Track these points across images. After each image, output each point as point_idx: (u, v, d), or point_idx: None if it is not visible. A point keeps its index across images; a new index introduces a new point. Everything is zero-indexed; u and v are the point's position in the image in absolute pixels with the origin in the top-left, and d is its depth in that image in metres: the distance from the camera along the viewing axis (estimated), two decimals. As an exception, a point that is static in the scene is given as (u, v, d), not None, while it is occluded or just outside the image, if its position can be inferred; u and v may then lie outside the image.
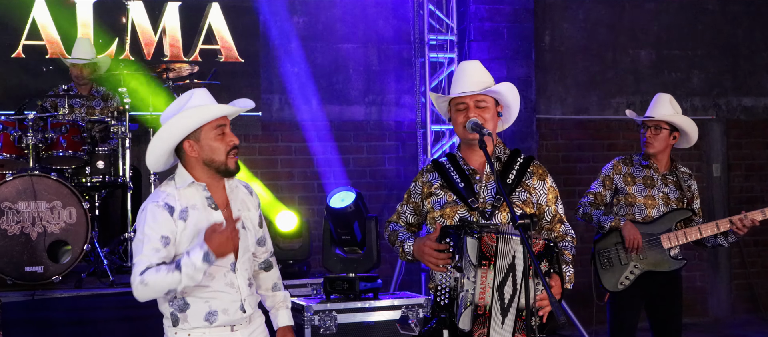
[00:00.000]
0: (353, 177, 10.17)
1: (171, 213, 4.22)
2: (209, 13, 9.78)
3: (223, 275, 4.31)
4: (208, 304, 4.29)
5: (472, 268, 4.21)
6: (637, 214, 6.31)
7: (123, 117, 7.95)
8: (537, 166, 4.68)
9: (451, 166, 4.59)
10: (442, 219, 4.50)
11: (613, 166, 6.46)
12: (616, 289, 6.27)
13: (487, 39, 10.20)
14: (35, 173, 7.35)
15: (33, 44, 9.39)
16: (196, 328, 4.29)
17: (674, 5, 11.25)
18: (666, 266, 6.27)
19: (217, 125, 4.31)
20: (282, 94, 10.03)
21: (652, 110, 6.43)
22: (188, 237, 4.23)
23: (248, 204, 4.53)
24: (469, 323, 4.20)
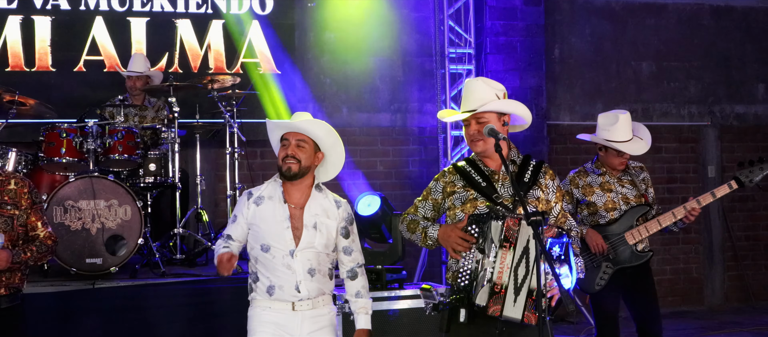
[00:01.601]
0: (380, 178, 10.21)
1: (248, 198, 4.80)
2: (250, 29, 9.83)
3: (282, 258, 4.67)
4: (269, 280, 4.69)
5: (494, 248, 4.28)
6: (600, 219, 6.26)
7: (172, 124, 7.98)
8: (547, 168, 4.75)
9: (472, 169, 4.64)
10: (463, 214, 4.54)
11: (570, 181, 6.39)
12: (594, 290, 6.25)
13: (501, 52, 10.20)
14: (95, 174, 7.40)
15: (93, 59, 9.48)
16: (262, 299, 4.72)
17: (672, 21, 11.24)
18: (635, 261, 6.22)
19: (283, 139, 4.79)
20: (315, 103, 10.04)
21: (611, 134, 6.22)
22: (257, 219, 4.73)
23: (329, 213, 4.83)
24: (486, 298, 4.25)
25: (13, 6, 9.34)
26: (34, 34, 9.37)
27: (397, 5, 10.38)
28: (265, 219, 4.72)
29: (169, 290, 7.03)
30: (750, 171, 6.32)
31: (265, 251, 4.68)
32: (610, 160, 6.30)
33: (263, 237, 4.70)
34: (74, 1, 9.45)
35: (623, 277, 6.23)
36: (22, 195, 5.00)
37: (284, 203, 4.73)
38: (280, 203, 4.73)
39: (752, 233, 11.48)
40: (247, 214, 4.76)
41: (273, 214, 4.71)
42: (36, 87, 8.88)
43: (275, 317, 4.67)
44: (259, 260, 4.72)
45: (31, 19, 9.37)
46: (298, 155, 4.72)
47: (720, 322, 10.19)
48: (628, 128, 6.23)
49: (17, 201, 4.97)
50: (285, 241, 4.67)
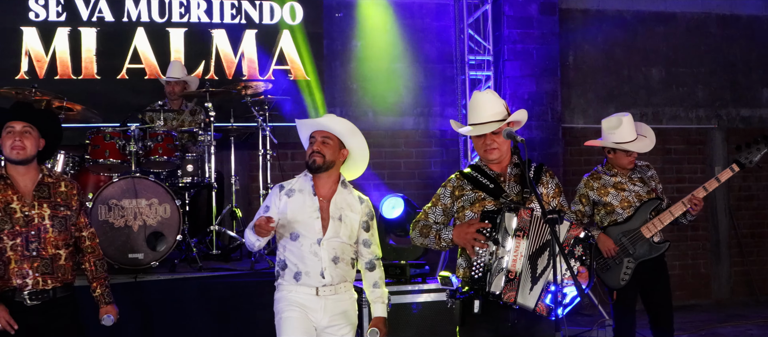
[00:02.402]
0: (404, 178, 10.21)
1: (280, 190, 4.99)
2: (281, 38, 9.85)
3: (309, 246, 4.84)
4: (297, 266, 4.86)
5: (508, 237, 4.29)
6: (617, 217, 6.25)
7: (208, 128, 8.02)
8: (546, 169, 4.78)
9: (478, 174, 4.67)
10: (471, 213, 4.56)
11: (585, 184, 6.38)
12: (620, 285, 6.24)
13: (518, 59, 10.18)
14: (136, 175, 7.44)
15: (134, 67, 9.52)
16: (289, 284, 4.90)
17: (681, 29, 11.18)
18: (653, 253, 6.21)
19: (310, 136, 4.98)
20: (343, 107, 10.05)
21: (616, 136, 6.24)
22: (291, 208, 4.90)
23: (354, 207, 5.03)
24: (501, 285, 4.27)
25: (62, 19, 9.41)
26: (81, 45, 9.43)
27: (419, 15, 10.38)
28: (296, 210, 4.89)
29: (205, 283, 7.06)
30: (748, 152, 6.30)
31: (294, 239, 4.86)
32: (620, 161, 6.30)
33: (294, 226, 4.87)
34: (118, 14, 9.51)
35: (642, 271, 6.23)
36: (72, 196, 5.06)
37: (314, 195, 4.90)
38: (310, 195, 4.91)
39: (757, 230, 11.40)
40: (278, 204, 4.93)
41: (303, 205, 4.89)
42: (82, 93, 8.92)
43: (301, 298, 4.83)
44: (288, 248, 4.89)
45: (78, 30, 9.43)
46: (322, 151, 4.91)
47: (726, 314, 10.13)
48: (632, 129, 6.25)
49: (68, 202, 5.03)
50: (314, 230, 4.85)
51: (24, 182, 4.92)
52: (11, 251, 4.82)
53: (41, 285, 4.85)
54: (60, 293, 4.93)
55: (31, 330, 4.84)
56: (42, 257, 4.87)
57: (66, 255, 4.97)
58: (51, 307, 4.89)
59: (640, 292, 6.33)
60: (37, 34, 9.37)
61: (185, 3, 9.66)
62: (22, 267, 4.82)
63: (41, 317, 4.85)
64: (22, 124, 4.88)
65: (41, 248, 4.87)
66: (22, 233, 4.84)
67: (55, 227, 4.92)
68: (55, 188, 5.00)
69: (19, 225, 4.84)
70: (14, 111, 4.99)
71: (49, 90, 8.14)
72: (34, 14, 9.38)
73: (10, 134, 4.86)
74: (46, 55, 9.37)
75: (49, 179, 5.02)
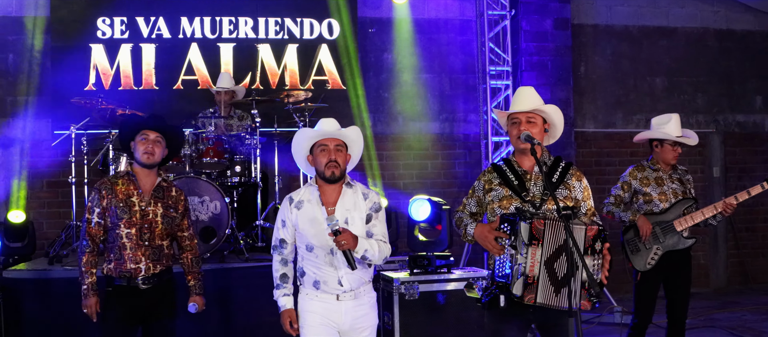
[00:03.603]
0: (431, 177, 10.20)
1: (290, 203, 4.62)
2: (320, 52, 9.81)
3: (325, 256, 4.50)
4: (315, 275, 4.52)
5: (524, 246, 4.16)
6: (654, 207, 6.17)
7: (255, 132, 7.97)
8: (575, 170, 4.60)
9: (507, 168, 4.53)
10: (499, 209, 4.42)
11: (629, 174, 6.32)
12: (645, 268, 6.15)
13: (535, 69, 10.12)
14: (190, 175, 7.40)
15: (188, 78, 9.53)
16: (310, 291, 4.56)
17: (682, 42, 11.08)
18: (681, 245, 6.13)
19: (321, 144, 4.56)
20: (376, 114, 10.04)
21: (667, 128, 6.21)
22: (301, 221, 4.54)
23: (358, 205, 4.62)
24: (521, 289, 4.16)
25: (126, 36, 9.44)
26: (142, 59, 9.46)
27: (445, 30, 10.31)
28: (306, 222, 4.53)
29: (252, 272, 7.00)
30: None
31: (309, 250, 4.53)
32: (665, 155, 6.25)
33: (306, 238, 4.53)
34: (174, 31, 9.51)
35: (667, 261, 6.14)
36: (179, 201, 5.25)
37: (321, 205, 4.54)
38: (318, 205, 4.55)
39: (751, 226, 11.29)
40: (291, 217, 4.59)
41: (312, 216, 4.52)
42: (143, 103, 8.92)
43: (321, 306, 4.51)
44: (305, 258, 4.56)
45: (140, 46, 9.45)
46: (338, 159, 4.55)
47: (723, 302, 10.03)
48: (678, 126, 6.25)
49: (176, 206, 5.21)
50: (325, 240, 4.47)
51: (145, 182, 5.13)
52: (126, 239, 5.01)
53: (152, 271, 5.05)
54: (165, 276, 5.15)
55: (143, 309, 5.05)
56: (152, 246, 5.06)
57: (168, 245, 5.18)
58: (158, 288, 5.09)
59: (663, 281, 6.23)
60: (103, 50, 9.40)
61: (234, 21, 9.63)
62: (136, 254, 5.01)
63: (151, 297, 5.05)
64: (155, 134, 5.10)
65: (151, 239, 5.06)
66: (138, 225, 5.03)
67: (164, 224, 5.12)
68: (167, 192, 5.20)
69: (136, 217, 5.03)
70: (150, 121, 5.19)
71: (113, 100, 8.18)
72: (102, 32, 9.41)
73: (144, 141, 5.07)
74: (111, 69, 9.40)
75: (164, 183, 5.22)
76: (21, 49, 9.38)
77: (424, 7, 10.28)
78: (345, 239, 4.32)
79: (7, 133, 9.34)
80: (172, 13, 9.52)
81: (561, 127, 4.62)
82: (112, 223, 5.03)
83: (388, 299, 6.62)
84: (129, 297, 5.00)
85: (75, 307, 6.49)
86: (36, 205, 9.26)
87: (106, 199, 5.04)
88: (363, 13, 10.03)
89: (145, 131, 5.09)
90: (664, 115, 6.32)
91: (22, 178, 9.21)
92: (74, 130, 7.97)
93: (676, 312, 6.17)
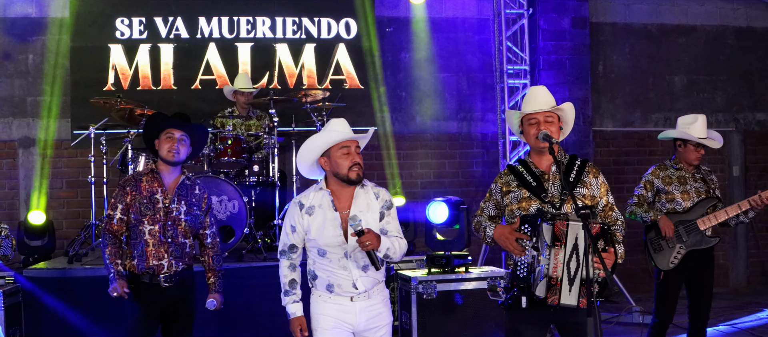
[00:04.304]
0: (449, 176, 10.19)
1: (300, 209, 4.46)
2: (337, 51, 9.81)
3: (338, 260, 4.40)
4: (328, 278, 4.43)
5: (546, 248, 4.16)
6: (676, 206, 6.14)
7: (272, 132, 7.98)
8: (591, 167, 4.59)
9: (524, 170, 4.51)
10: (519, 210, 4.42)
11: (652, 173, 6.29)
12: (668, 267, 6.10)
13: (553, 68, 10.08)
14: (209, 174, 7.42)
15: (207, 78, 9.56)
16: (323, 293, 4.46)
17: (701, 40, 11.00)
18: (704, 244, 6.08)
19: (343, 146, 4.39)
20: (393, 113, 10.04)
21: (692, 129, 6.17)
22: (313, 227, 4.41)
23: (371, 206, 4.49)
24: (544, 291, 4.16)
25: (144, 36, 9.48)
26: (160, 59, 9.50)
27: (462, 29, 10.30)
28: (319, 227, 4.39)
29: (269, 271, 6.96)
30: None
31: (321, 255, 4.42)
32: (688, 155, 6.20)
33: (319, 243, 4.40)
34: (192, 31, 9.55)
35: (690, 261, 6.10)
36: (203, 199, 5.31)
37: (335, 210, 4.41)
38: (331, 210, 4.40)
39: (773, 224, 11.18)
40: (302, 223, 4.43)
41: (325, 222, 4.39)
42: (161, 102, 8.96)
43: (335, 308, 4.41)
44: (317, 262, 4.45)
45: (158, 46, 9.49)
46: (360, 162, 4.42)
47: (743, 302, 9.94)
48: (704, 128, 6.21)
49: (200, 204, 5.28)
50: (339, 245, 4.37)
51: (169, 179, 5.20)
52: (149, 236, 5.07)
53: (174, 268, 5.10)
54: (186, 274, 5.21)
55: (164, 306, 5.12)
56: (175, 243, 5.12)
57: (191, 243, 5.24)
58: (179, 285, 5.15)
59: (686, 281, 6.20)
60: (122, 51, 9.45)
61: (252, 21, 9.66)
62: (158, 251, 5.07)
63: (172, 294, 5.12)
64: (180, 132, 5.16)
65: (174, 236, 5.11)
66: (161, 222, 5.09)
67: (187, 222, 5.17)
68: (191, 190, 5.26)
69: (159, 214, 5.10)
70: (175, 120, 5.24)
71: (132, 99, 8.22)
72: (120, 33, 9.45)
73: (169, 139, 5.12)
74: (129, 69, 9.44)
75: (188, 181, 5.27)
76: (41, 49, 9.45)
77: (442, 7, 10.27)
78: (369, 239, 4.22)
79: (27, 133, 9.41)
80: (190, 13, 9.56)
81: (572, 123, 4.61)
82: (135, 219, 5.08)
83: (405, 298, 6.62)
84: (151, 294, 5.05)
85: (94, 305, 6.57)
86: (55, 204, 9.33)
87: (130, 195, 5.10)
88: (380, 13, 10.03)
89: (170, 129, 5.13)
90: (691, 115, 6.28)
91: (43, 177, 9.28)
92: (93, 130, 8.03)
93: (698, 312, 6.12)
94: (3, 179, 9.33)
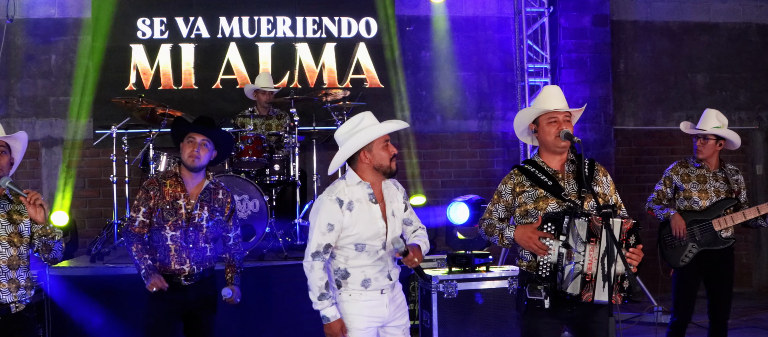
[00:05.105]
0: (469, 176, 10.18)
1: (340, 205, 4.36)
2: (357, 50, 9.82)
3: (376, 252, 4.43)
4: (364, 273, 4.42)
5: (581, 244, 4.15)
6: (694, 205, 6.11)
7: (293, 131, 8.00)
8: (599, 166, 4.61)
9: (535, 169, 4.50)
10: (535, 210, 4.40)
11: (672, 169, 6.28)
12: (679, 265, 6.11)
13: (574, 67, 10.04)
14: (229, 173, 7.45)
15: (227, 78, 9.61)
16: (356, 290, 4.42)
17: (724, 38, 10.91)
18: (718, 245, 6.07)
19: (384, 140, 4.43)
20: (413, 112, 10.04)
21: (701, 124, 6.18)
22: (353, 223, 4.36)
23: (397, 197, 4.59)
24: (578, 288, 4.15)
25: (165, 37, 9.54)
26: (181, 59, 9.55)
27: (482, 28, 10.28)
28: (361, 221, 4.37)
29: (290, 270, 7.02)
30: None
31: (359, 249, 4.39)
32: (704, 150, 6.18)
33: (359, 238, 4.38)
34: (213, 31, 9.60)
35: (707, 260, 6.08)
36: (226, 204, 5.32)
37: (374, 203, 4.43)
38: (369, 203, 4.41)
39: (796, 224, 11.07)
40: (341, 220, 4.34)
41: (368, 216, 4.39)
42: (182, 102, 9.02)
43: (366, 305, 4.41)
44: (350, 259, 4.41)
45: (179, 46, 9.54)
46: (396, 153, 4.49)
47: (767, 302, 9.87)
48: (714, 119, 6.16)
49: (223, 208, 5.28)
50: (379, 237, 4.40)
51: (192, 184, 5.20)
52: (171, 241, 5.09)
53: (196, 271, 5.14)
54: (207, 274, 5.25)
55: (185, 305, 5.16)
56: (196, 248, 5.14)
57: (211, 247, 5.24)
58: (200, 285, 5.21)
59: (704, 280, 6.18)
60: (143, 51, 9.51)
61: (272, 20, 9.69)
62: (180, 256, 5.10)
63: (193, 293, 5.16)
64: (202, 137, 5.15)
65: (196, 242, 5.13)
66: (183, 227, 5.10)
67: (209, 228, 5.18)
68: (214, 195, 5.25)
69: (182, 220, 5.11)
70: (197, 124, 5.24)
71: (153, 99, 8.27)
72: (142, 33, 9.52)
73: (190, 143, 5.13)
74: (151, 69, 9.51)
75: (212, 186, 5.27)
76: (63, 50, 9.54)
77: (462, 5, 10.26)
78: (415, 255, 4.33)
79: (50, 132, 9.50)
80: (211, 13, 9.60)
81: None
82: (157, 223, 5.09)
83: (426, 297, 6.62)
84: (172, 293, 5.07)
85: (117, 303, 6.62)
86: (78, 203, 9.40)
87: (153, 199, 5.11)
88: (401, 12, 10.03)
89: (191, 134, 5.13)
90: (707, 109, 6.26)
91: (65, 177, 9.36)
92: (115, 130, 8.08)
93: (718, 312, 6.10)
94: (26, 179, 9.41)
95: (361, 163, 4.43)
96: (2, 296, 4.40)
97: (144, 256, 5.07)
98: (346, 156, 4.45)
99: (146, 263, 5.05)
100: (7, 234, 4.44)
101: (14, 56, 9.48)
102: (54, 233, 4.52)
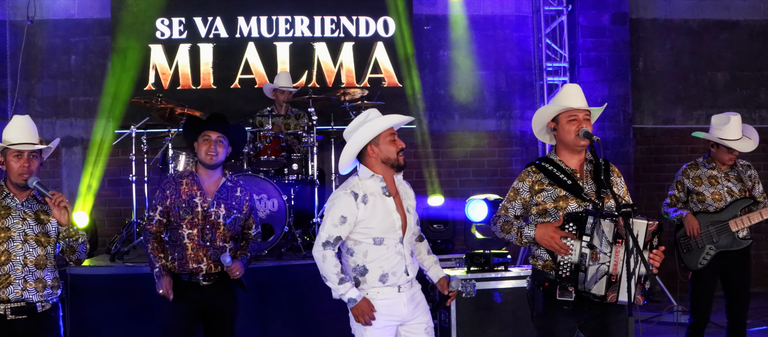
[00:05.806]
0: (487, 175, 10.17)
1: (355, 198, 4.38)
2: (375, 49, 9.83)
3: (394, 246, 4.43)
4: (382, 268, 4.41)
5: (607, 245, 4.12)
6: (708, 207, 6.06)
7: (311, 130, 8.02)
8: (613, 166, 4.58)
9: (554, 168, 4.44)
10: (554, 209, 4.35)
11: (683, 173, 6.22)
12: (697, 268, 6.07)
13: (592, 65, 10.01)
14: (248, 173, 7.48)
15: (246, 77, 9.64)
16: (374, 287, 4.41)
17: (744, 36, 10.83)
18: (735, 246, 6.02)
19: (390, 133, 4.47)
20: (432, 111, 10.04)
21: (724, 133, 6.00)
22: (369, 216, 4.37)
23: (410, 194, 4.65)
24: (603, 288, 4.12)
25: (184, 37, 9.59)
26: (200, 59, 9.59)
27: (501, 27, 10.26)
28: (376, 215, 4.38)
29: (309, 269, 7.00)
30: None
31: (378, 244, 4.39)
32: (721, 156, 6.09)
33: (375, 232, 4.38)
34: (231, 31, 9.63)
35: (724, 260, 6.04)
36: (244, 201, 5.31)
37: (388, 196, 4.45)
38: (383, 197, 4.43)
39: (818, 223, 10.95)
40: (356, 213, 4.35)
41: (383, 209, 4.40)
42: (201, 101, 9.06)
43: (383, 303, 4.40)
44: (369, 253, 4.40)
45: (198, 46, 9.58)
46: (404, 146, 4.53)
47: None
48: (738, 129, 6.01)
49: (241, 206, 5.28)
50: (395, 230, 4.41)
51: (208, 182, 5.21)
52: (188, 239, 5.10)
53: (213, 270, 5.13)
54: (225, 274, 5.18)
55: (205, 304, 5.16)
56: (213, 246, 5.13)
57: (231, 246, 5.22)
58: (218, 284, 5.17)
59: (721, 281, 6.14)
60: (162, 51, 9.56)
61: (290, 20, 9.71)
62: (197, 254, 5.10)
63: (212, 292, 5.15)
64: (217, 134, 5.16)
65: (213, 240, 5.13)
66: (199, 226, 5.11)
67: (226, 226, 5.18)
68: (232, 192, 5.26)
69: (198, 218, 5.12)
70: (211, 121, 5.27)
71: (172, 99, 8.31)
72: (160, 33, 9.57)
73: (206, 141, 5.15)
74: (170, 69, 9.56)
75: (229, 183, 5.27)
76: (83, 50, 9.61)
77: (480, 4, 10.24)
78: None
79: (69, 132, 9.57)
80: (229, 13, 9.64)
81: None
82: (174, 222, 5.13)
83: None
84: (191, 292, 5.10)
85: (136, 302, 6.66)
86: (97, 203, 9.46)
87: (170, 198, 5.14)
88: (418, 11, 10.03)
89: (206, 132, 5.15)
90: (724, 114, 6.08)
91: (85, 177, 9.42)
92: (134, 130, 8.14)
93: (736, 312, 6.06)
94: (46, 178, 9.48)
95: (370, 157, 4.47)
96: (29, 296, 4.46)
97: (158, 255, 5.11)
98: (354, 151, 4.48)
99: (160, 262, 5.09)
100: (35, 234, 4.51)
101: (34, 57, 9.56)
102: (78, 235, 4.58)
